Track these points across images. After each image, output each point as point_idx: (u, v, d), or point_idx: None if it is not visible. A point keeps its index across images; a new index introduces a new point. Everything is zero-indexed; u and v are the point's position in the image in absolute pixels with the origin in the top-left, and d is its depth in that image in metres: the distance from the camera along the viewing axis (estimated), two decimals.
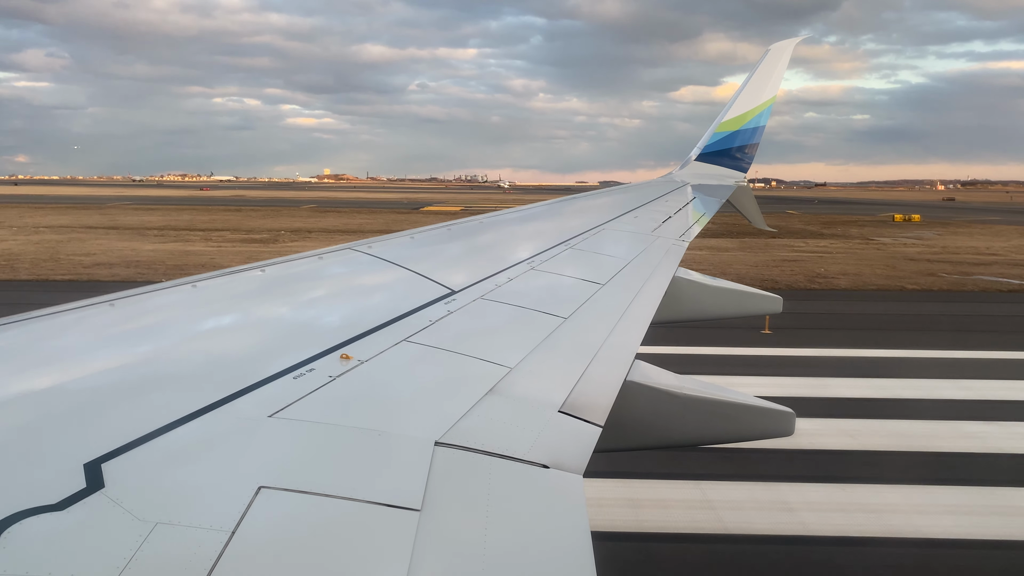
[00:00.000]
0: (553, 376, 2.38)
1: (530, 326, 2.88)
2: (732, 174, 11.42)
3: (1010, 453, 11.37)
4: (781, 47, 11.39)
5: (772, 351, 17.26)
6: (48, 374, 1.91)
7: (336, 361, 2.10)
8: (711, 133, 11.68)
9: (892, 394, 14.21)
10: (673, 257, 5.17)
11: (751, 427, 3.41)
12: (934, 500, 9.68)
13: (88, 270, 29.54)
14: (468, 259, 4.32)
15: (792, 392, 13.71)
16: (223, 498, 1.35)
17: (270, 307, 2.79)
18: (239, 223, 55.90)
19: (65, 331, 2.27)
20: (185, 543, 1.21)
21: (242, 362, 2.07)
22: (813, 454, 11.01)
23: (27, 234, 43.81)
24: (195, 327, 2.44)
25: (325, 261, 3.48)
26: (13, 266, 30.37)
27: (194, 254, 35.35)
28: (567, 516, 1.56)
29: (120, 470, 1.38)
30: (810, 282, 28.27)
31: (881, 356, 17.17)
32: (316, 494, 1.41)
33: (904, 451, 11.35)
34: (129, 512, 1.25)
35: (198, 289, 2.74)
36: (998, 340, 18.44)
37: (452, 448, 1.71)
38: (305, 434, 1.67)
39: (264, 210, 75.56)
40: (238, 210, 74.81)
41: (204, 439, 1.58)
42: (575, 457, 1.83)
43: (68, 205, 78.92)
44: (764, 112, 11.22)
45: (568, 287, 3.70)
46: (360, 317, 2.61)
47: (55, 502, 1.25)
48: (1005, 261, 36.23)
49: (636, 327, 3.20)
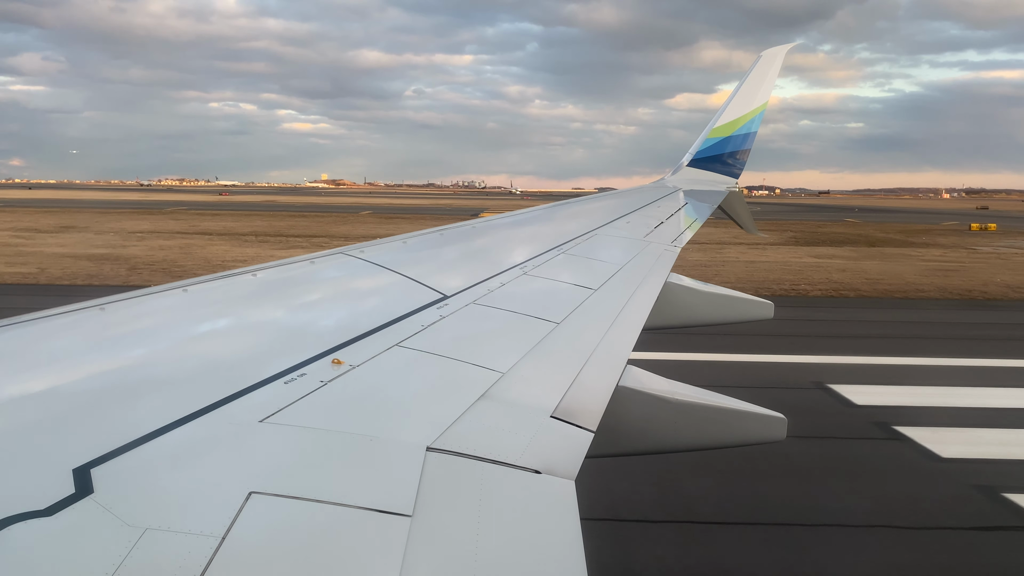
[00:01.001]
0: (545, 381, 2.38)
1: (522, 331, 2.88)
2: (724, 180, 11.46)
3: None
4: (772, 54, 11.45)
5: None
6: (36, 378, 1.90)
7: (328, 366, 2.10)
8: (703, 139, 11.73)
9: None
10: (665, 262, 5.18)
11: (743, 432, 3.42)
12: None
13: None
14: (461, 264, 4.32)
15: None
16: (213, 503, 1.34)
17: (261, 311, 2.79)
18: (324, 229, 52.05)
19: (54, 335, 2.26)
20: (174, 549, 1.20)
21: (233, 367, 2.07)
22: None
23: (136, 240, 40.08)
24: (186, 331, 2.43)
25: (317, 265, 3.47)
26: (170, 271, 27.36)
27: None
28: (559, 522, 1.55)
29: (109, 475, 1.37)
30: (1014, 292, 25.69)
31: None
32: (307, 499, 1.41)
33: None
34: (118, 518, 1.25)
35: (189, 293, 2.73)
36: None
37: (444, 453, 1.71)
38: (296, 439, 1.66)
39: (331, 216, 71.05)
40: (303, 215, 70.84)
41: (194, 444, 1.57)
42: (567, 463, 1.82)
43: (119, 210, 73.64)
44: (756, 118, 11.27)
45: (561, 292, 3.71)
46: (352, 322, 2.61)
47: (43, 508, 1.24)
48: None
49: (628, 332, 3.20)
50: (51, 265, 28.63)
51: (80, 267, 28.26)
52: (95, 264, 29.21)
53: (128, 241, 39.40)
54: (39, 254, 32.28)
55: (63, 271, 27.17)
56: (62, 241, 38.59)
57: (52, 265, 28.63)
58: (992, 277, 29.67)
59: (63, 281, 24.89)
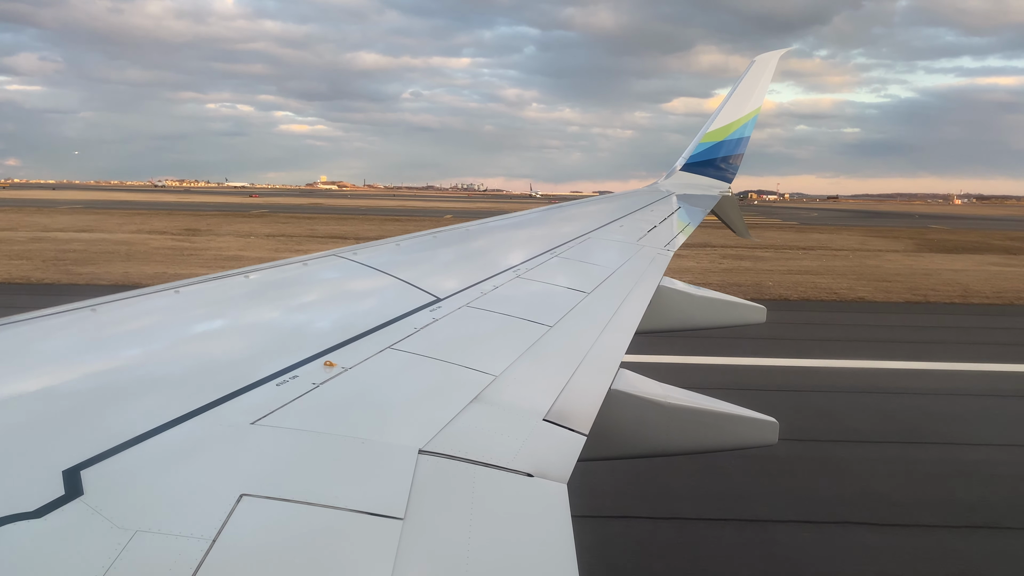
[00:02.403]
0: (538, 384, 2.38)
1: (515, 334, 2.88)
2: (717, 184, 11.49)
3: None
4: (766, 58, 11.49)
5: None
6: (26, 379, 1.89)
7: (320, 368, 2.09)
8: (696, 143, 11.76)
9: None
10: (658, 266, 5.19)
11: (735, 436, 3.42)
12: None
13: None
14: (454, 266, 4.32)
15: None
16: (204, 506, 1.34)
17: (254, 313, 2.78)
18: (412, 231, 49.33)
19: (45, 335, 2.24)
20: (165, 551, 1.19)
21: (224, 368, 2.06)
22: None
23: (294, 245, 37.11)
24: (178, 332, 2.43)
25: (310, 267, 3.46)
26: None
27: None
28: (551, 525, 1.55)
29: (100, 477, 1.37)
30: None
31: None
32: (298, 502, 1.40)
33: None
34: (108, 520, 1.24)
35: (181, 294, 2.72)
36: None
37: (436, 456, 1.71)
38: (288, 441, 1.66)
39: (405, 220, 64.17)
40: (387, 219, 64.38)
41: (185, 445, 1.56)
42: (559, 466, 1.82)
43: (188, 212, 67.78)
44: (749, 123, 11.30)
45: (554, 295, 3.71)
46: (345, 324, 2.60)
47: (32, 509, 1.23)
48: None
49: (621, 336, 3.21)
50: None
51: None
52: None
53: (288, 246, 36.20)
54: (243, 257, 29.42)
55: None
56: (223, 244, 35.20)
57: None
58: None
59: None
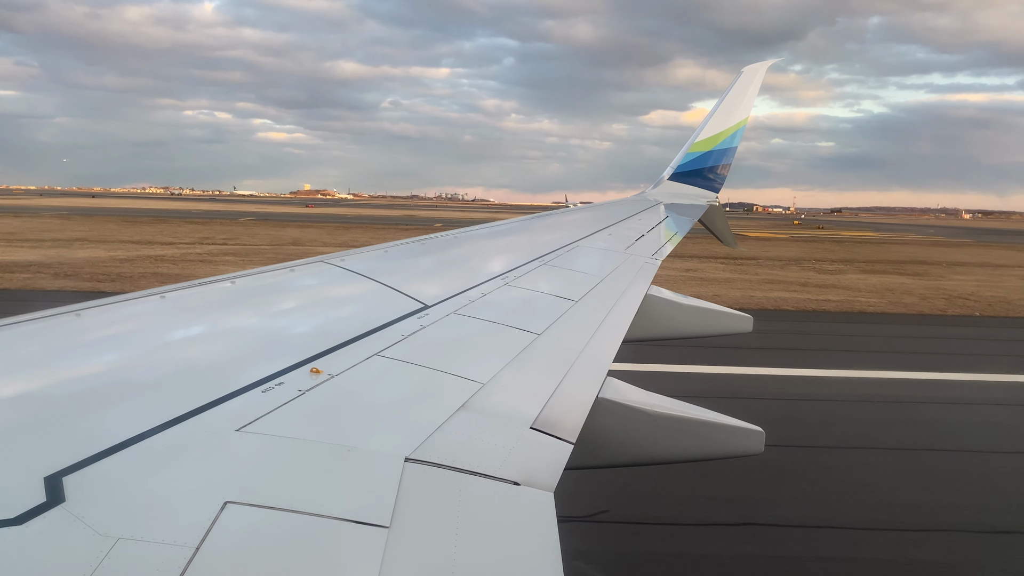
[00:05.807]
0: (525, 392, 2.38)
1: (503, 342, 2.88)
2: (704, 194, 11.55)
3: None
4: (753, 69, 11.59)
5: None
6: (8, 384, 1.87)
7: (306, 375, 2.08)
8: (684, 153, 11.82)
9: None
10: (646, 275, 5.20)
11: (721, 445, 3.43)
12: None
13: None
14: (442, 273, 4.31)
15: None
16: (188, 513, 1.33)
17: (239, 319, 2.76)
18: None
19: (28, 340, 2.22)
20: (148, 559, 1.18)
21: (209, 374, 2.04)
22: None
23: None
24: (162, 338, 2.41)
25: (296, 274, 3.45)
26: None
27: None
28: (537, 534, 1.55)
29: (82, 483, 1.35)
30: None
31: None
32: (283, 510, 1.39)
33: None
34: (90, 527, 1.23)
35: (167, 300, 2.70)
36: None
37: (422, 464, 1.70)
38: (273, 449, 1.65)
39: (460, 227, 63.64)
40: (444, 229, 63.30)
41: (169, 452, 1.55)
42: (546, 474, 1.82)
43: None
44: (736, 133, 11.38)
45: (541, 303, 3.71)
46: (331, 330, 2.59)
47: (13, 516, 1.22)
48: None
49: (609, 344, 3.21)
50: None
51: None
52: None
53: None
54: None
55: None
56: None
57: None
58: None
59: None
